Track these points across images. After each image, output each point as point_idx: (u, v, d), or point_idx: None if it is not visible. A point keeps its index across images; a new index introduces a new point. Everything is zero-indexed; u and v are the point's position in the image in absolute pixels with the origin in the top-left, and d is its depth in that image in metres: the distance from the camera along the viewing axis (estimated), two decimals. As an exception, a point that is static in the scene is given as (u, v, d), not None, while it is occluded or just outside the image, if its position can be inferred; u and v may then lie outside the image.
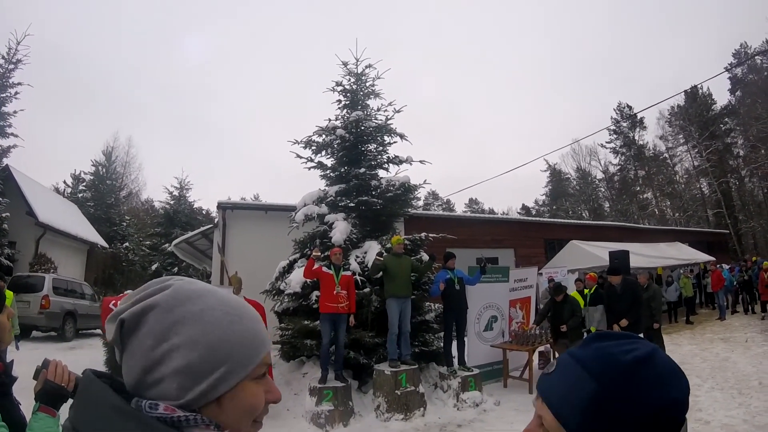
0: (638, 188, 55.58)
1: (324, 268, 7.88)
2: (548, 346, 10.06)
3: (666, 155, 53.34)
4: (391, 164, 10.86)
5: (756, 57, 42.84)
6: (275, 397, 0.86)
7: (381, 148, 10.93)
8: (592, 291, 10.22)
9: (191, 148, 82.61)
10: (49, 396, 1.64)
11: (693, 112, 48.79)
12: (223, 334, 0.79)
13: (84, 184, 39.73)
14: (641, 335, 9.12)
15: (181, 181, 32.22)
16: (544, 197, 66.38)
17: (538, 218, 41.20)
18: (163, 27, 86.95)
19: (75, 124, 65.65)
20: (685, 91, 42.14)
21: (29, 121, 46.91)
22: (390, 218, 10.71)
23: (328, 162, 10.90)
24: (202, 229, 17.05)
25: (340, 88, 11.09)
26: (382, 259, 8.06)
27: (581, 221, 38.33)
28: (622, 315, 8.92)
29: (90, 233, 25.53)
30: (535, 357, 10.01)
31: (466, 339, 9.07)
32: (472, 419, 7.56)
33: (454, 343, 8.73)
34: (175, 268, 27.29)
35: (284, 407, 8.05)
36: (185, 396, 0.76)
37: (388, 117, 10.87)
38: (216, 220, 15.56)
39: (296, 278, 8.99)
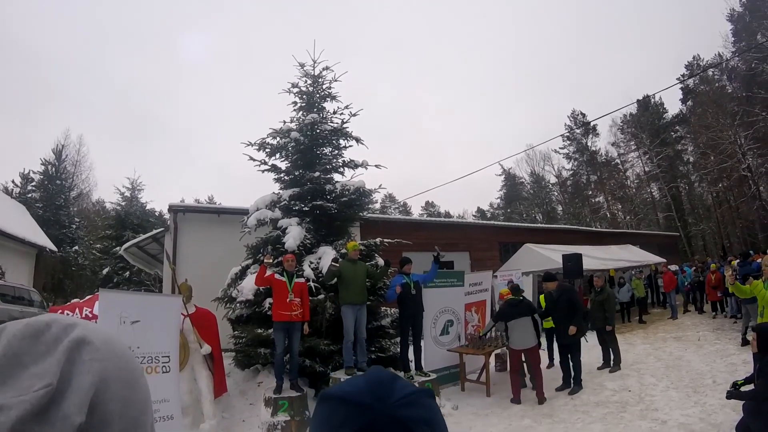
0: (590, 192, 56.90)
1: (276, 275, 7.70)
2: (504, 348, 10.09)
3: (618, 161, 54.77)
4: (346, 168, 10.75)
5: (708, 69, 44.25)
6: None
7: (336, 151, 10.81)
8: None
9: (144, 148, 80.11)
10: None
11: (645, 120, 50.27)
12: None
13: (33, 183, 38.30)
14: (587, 337, 9.27)
15: (133, 182, 31.08)
16: (498, 200, 67.54)
17: (492, 221, 41.70)
18: (117, 25, 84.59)
19: (25, 120, 62.93)
20: (638, 100, 43.25)
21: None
22: (345, 223, 10.58)
23: (283, 165, 10.70)
24: (153, 232, 16.55)
25: (296, 90, 10.90)
26: (337, 265, 7.94)
27: (535, 224, 38.95)
28: (561, 322, 9.02)
29: (38, 236, 24.45)
30: (492, 360, 10.03)
31: (422, 343, 9.01)
32: (430, 425, 7.47)
33: (411, 348, 8.67)
34: (127, 273, 26.49)
35: (240, 418, 7.87)
36: None
37: (344, 120, 10.74)
38: (168, 223, 15.14)
39: (249, 285, 8.76)
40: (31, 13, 66.32)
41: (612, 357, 10.19)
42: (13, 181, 37.77)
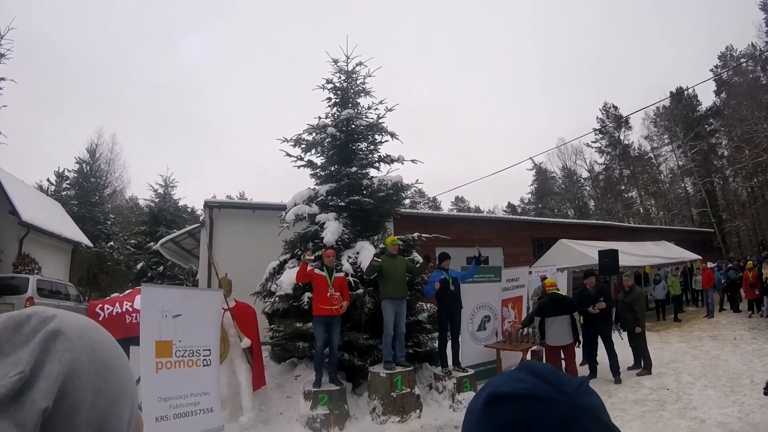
0: (623, 187, 55.93)
1: (316, 270, 7.77)
2: (540, 345, 10.03)
3: (651, 155, 53.73)
4: (382, 163, 10.71)
5: (741, 60, 43.16)
6: None
7: (372, 147, 10.76)
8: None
9: (176, 146, 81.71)
10: None
11: (678, 113, 49.16)
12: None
13: (68, 182, 39.23)
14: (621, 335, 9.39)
15: (166, 179, 31.48)
16: (529, 195, 66.63)
17: (526, 217, 41.19)
18: (151, 23, 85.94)
19: (59, 119, 64.19)
20: (671, 93, 42.36)
21: (12, 115, 46.18)
22: (381, 218, 10.58)
23: (319, 161, 10.73)
24: (189, 228, 16.81)
25: (330, 86, 10.90)
26: (379, 260, 7.96)
27: (568, 220, 38.44)
28: (599, 316, 9.43)
29: (74, 232, 24.92)
30: (528, 356, 9.97)
31: (460, 339, 9.01)
32: (468, 420, 7.47)
33: (449, 344, 8.66)
34: (161, 267, 26.93)
35: (277, 411, 7.93)
36: None
37: (380, 115, 10.73)
38: (202, 218, 15.34)
39: (288, 279, 8.82)
40: (59, 12, 67.82)
41: (642, 361, 10.02)
42: (48, 180, 38.75)
